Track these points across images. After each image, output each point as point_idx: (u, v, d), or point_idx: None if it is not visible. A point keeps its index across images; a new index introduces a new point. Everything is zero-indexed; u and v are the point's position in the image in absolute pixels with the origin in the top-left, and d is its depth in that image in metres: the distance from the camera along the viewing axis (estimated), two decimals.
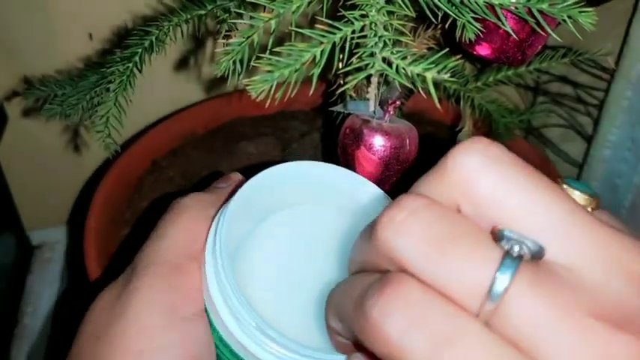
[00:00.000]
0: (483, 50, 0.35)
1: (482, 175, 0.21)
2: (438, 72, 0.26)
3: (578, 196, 0.23)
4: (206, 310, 0.30)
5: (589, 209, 0.22)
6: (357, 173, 0.32)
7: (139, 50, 0.46)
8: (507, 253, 0.20)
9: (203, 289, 0.30)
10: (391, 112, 0.34)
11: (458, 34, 0.30)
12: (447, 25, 0.30)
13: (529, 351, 0.19)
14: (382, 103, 0.34)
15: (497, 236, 0.20)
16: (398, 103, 0.34)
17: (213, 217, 0.31)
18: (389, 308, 0.20)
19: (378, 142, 0.34)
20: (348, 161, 0.36)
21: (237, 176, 0.36)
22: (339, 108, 0.36)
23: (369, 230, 0.22)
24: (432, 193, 0.22)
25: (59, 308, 0.74)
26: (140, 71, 0.46)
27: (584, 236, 0.20)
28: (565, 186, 0.23)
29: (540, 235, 0.20)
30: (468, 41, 0.31)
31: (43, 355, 0.70)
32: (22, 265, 0.77)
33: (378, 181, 0.35)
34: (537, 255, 0.20)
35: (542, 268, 0.20)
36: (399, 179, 0.36)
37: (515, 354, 0.19)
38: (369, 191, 0.31)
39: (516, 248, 0.20)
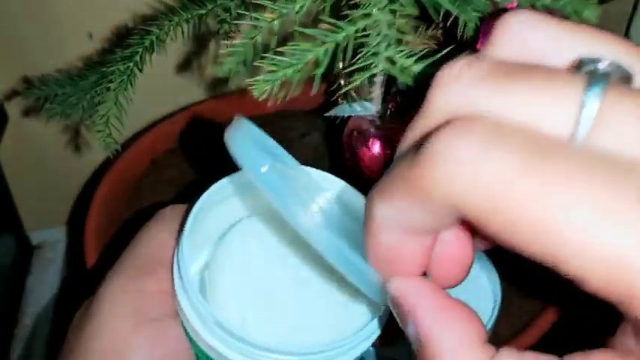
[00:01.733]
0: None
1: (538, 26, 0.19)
2: None
3: None
4: (182, 323, 0.30)
5: None
6: (363, 172, 0.33)
7: (140, 50, 0.46)
8: (592, 72, 0.17)
9: (174, 293, 0.30)
10: (393, 109, 0.34)
11: (460, 31, 0.30)
12: (448, 23, 0.30)
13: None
14: (383, 101, 0.34)
15: (577, 66, 0.18)
16: (398, 99, 0.34)
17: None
18: (457, 140, 0.17)
19: (383, 139, 0.34)
20: (354, 161, 0.36)
21: None
22: (339, 111, 0.36)
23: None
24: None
25: (59, 308, 0.74)
26: (141, 71, 0.46)
27: None
28: None
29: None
30: (469, 38, 0.31)
31: (43, 355, 0.70)
32: (22, 265, 0.77)
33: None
34: (625, 78, 0.18)
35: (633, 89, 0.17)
36: None
37: (622, 169, 0.16)
38: (335, 184, 0.32)
39: (601, 66, 0.17)
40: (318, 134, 0.64)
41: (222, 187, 0.31)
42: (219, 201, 0.32)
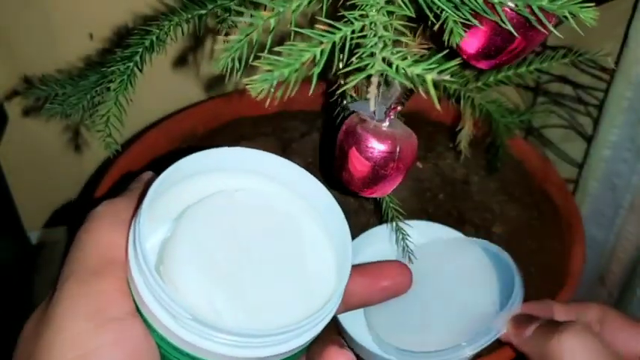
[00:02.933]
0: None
1: None
2: (439, 73, 0.26)
3: None
4: (140, 312, 0.30)
5: None
6: (350, 172, 0.34)
7: (140, 49, 0.46)
8: None
9: (133, 292, 0.30)
10: (392, 117, 0.34)
11: (446, 37, 0.30)
12: (435, 28, 0.30)
13: None
14: (384, 104, 0.34)
15: None
16: (399, 108, 0.34)
17: (130, 221, 0.32)
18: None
19: (372, 144, 0.34)
20: (342, 160, 0.36)
21: (147, 175, 0.36)
22: (356, 106, 0.36)
23: None
24: None
25: None
26: (141, 71, 0.46)
27: None
28: None
29: None
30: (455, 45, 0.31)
31: None
32: (22, 265, 0.77)
33: (370, 183, 0.35)
34: None
35: None
36: (398, 183, 0.36)
37: None
38: (277, 164, 0.33)
39: None
40: (318, 134, 0.64)
41: (171, 173, 0.31)
42: (168, 188, 0.32)
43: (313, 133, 0.65)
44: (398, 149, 0.34)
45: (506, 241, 0.59)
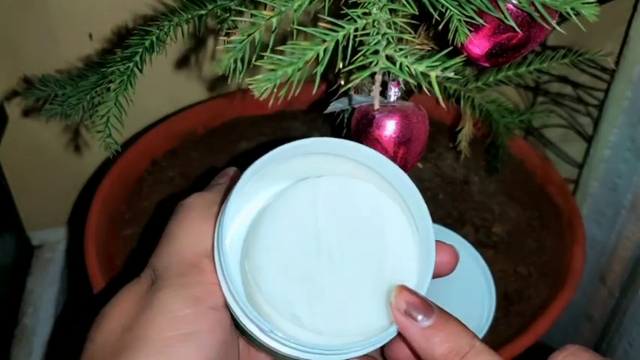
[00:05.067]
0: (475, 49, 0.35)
1: None
2: (443, 70, 0.26)
3: None
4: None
5: None
6: None
7: (140, 50, 0.46)
8: None
9: (220, 285, 0.32)
10: (397, 93, 0.34)
11: (450, 36, 0.30)
12: (440, 27, 0.30)
13: None
14: (385, 86, 0.34)
15: None
16: (400, 83, 0.34)
17: (216, 216, 0.32)
18: None
19: (391, 124, 0.34)
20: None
21: (232, 170, 0.37)
22: (339, 104, 0.36)
23: None
24: None
25: (59, 309, 0.74)
26: (141, 71, 0.46)
27: None
28: None
29: None
30: (460, 44, 0.31)
31: (43, 356, 0.70)
32: (22, 265, 0.77)
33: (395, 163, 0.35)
34: None
35: None
36: (415, 159, 0.36)
37: None
38: (362, 153, 0.32)
39: None
40: (318, 134, 0.64)
41: (252, 174, 0.31)
42: (251, 187, 0.32)
43: (313, 133, 0.65)
44: (419, 119, 0.35)
45: (506, 241, 0.59)
